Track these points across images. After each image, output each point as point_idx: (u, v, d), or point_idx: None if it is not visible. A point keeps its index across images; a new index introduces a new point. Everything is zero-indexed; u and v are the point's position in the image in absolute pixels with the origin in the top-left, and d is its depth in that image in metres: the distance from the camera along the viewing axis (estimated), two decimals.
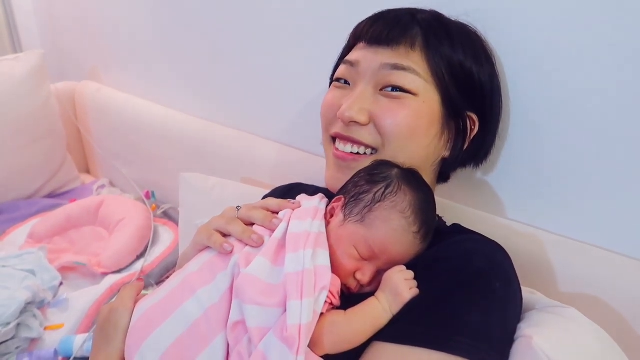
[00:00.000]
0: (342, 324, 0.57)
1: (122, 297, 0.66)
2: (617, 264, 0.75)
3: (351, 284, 0.63)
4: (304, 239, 0.60)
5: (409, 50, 0.70)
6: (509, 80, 0.79)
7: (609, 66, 0.70)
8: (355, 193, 0.65)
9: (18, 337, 1.00)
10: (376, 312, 0.58)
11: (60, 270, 1.20)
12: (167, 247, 1.33)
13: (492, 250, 0.64)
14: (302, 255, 0.58)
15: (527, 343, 0.57)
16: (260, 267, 0.58)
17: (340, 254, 0.62)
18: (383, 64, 0.70)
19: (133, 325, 0.61)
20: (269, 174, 1.17)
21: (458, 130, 0.74)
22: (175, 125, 1.42)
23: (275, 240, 0.62)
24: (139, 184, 1.55)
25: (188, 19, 1.32)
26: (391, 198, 0.62)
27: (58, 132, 1.62)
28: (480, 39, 0.76)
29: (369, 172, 0.67)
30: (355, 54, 0.74)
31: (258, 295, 0.55)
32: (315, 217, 0.65)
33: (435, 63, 0.70)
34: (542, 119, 0.78)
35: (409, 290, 0.58)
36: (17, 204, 1.52)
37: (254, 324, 0.54)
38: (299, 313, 0.53)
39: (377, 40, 0.71)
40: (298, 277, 0.56)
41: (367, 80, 0.71)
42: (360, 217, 0.62)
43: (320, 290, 0.56)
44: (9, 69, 1.51)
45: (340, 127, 0.72)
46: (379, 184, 0.64)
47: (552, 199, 0.81)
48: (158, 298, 0.62)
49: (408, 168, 0.67)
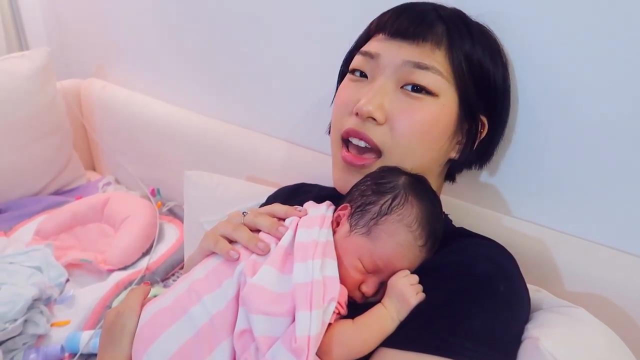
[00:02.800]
0: (351, 334, 0.57)
1: (129, 300, 0.66)
2: (625, 263, 0.74)
3: (356, 295, 0.62)
4: (312, 248, 0.60)
5: (434, 48, 0.67)
6: (517, 81, 0.78)
7: (615, 66, 0.70)
8: (362, 203, 0.63)
9: (25, 334, 1.01)
10: (384, 320, 0.58)
11: (67, 267, 1.21)
12: (173, 245, 1.33)
13: (496, 252, 0.63)
14: (310, 266, 0.57)
15: (534, 344, 0.56)
16: (268, 276, 0.58)
17: (346, 266, 0.61)
18: (406, 61, 0.67)
19: (140, 328, 0.61)
20: (275, 172, 1.17)
21: (469, 132, 0.73)
22: (182, 123, 1.42)
23: (282, 248, 0.61)
24: (144, 182, 1.55)
25: (194, 16, 1.32)
26: (398, 211, 0.61)
27: (64, 129, 1.63)
28: (496, 41, 0.75)
29: (376, 180, 0.65)
30: (375, 45, 0.71)
31: (265, 304, 0.55)
32: (322, 225, 0.64)
33: (458, 62, 0.68)
34: (547, 118, 0.77)
35: (416, 296, 0.58)
36: (24, 201, 1.53)
37: (261, 333, 0.54)
38: (308, 324, 0.52)
39: (401, 34, 0.68)
40: (307, 288, 0.55)
41: (388, 75, 0.69)
42: (366, 229, 0.61)
43: (329, 301, 0.56)
44: (16, 66, 1.51)
45: (354, 122, 0.69)
46: (386, 195, 0.62)
47: (558, 197, 0.80)
48: (165, 303, 0.62)
49: (415, 175, 0.66)
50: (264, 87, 1.22)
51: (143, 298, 0.66)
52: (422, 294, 0.58)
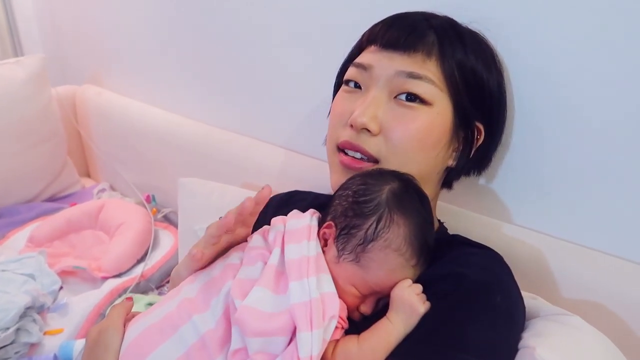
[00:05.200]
0: (356, 353, 0.56)
1: (111, 318, 0.64)
2: (622, 269, 0.74)
3: (354, 316, 0.62)
4: (305, 265, 0.59)
5: (425, 58, 0.68)
6: (513, 87, 0.79)
7: (612, 70, 0.70)
8: (346, 226, 0.61)
9: (17, 342, 1.00)
10: (389, 336, 0.57)
11: (60, 274, 1.20)
12: (168, 252, 1.33)
13: (490, 261, 0.63)
14: (306, 284, 0.56)
15: (530, 354, 0.56)
16: (261, 298, 0.57)
17: (341, 291, 0.60)
18: (398, 71, 0.68)
19: (128, 346, 0.59)
20: (270, 179, 1.17)
21: (466, 139, 0.73)
22: (177, 129, 1.41)
23: (272, 267, 0.60)
24: (139, 188, 1.54)
25: (189, 22, 1.32)
26: (384, 235, 0.59)
27: (59, 135, 1.62)
28: (490, 47, 0.75)
29: (357, 197, 0.62)
30: (368, 57, 0.71)
31: (261, 326, 0.54)
32: (310, 237, 0.62)
33: (450, 71, 0.68)
34: (545, 125, 0.77)
35: (423, 304, 0.58)
36: (17, 208, 1.52)
37: (257, 351, 0.54)
38: (309, 345, 0.52)
39: (392, 45, 0.69)
40: (306, 307, 0.54)
41: (381, 86, 0.69)
42: (354, 256, 0.60)
43: (330, 319, 0.55)
44: (10, 72, 1.50)
45: (349, 134, 0.69)
46: (370, 219, 0.60)
47: (555, 203, 0.80)
48: (155, 319, 0.61)
49: (399, 178, 0.64)
50: (260, 94, 1.22)
51: (126, 314, 0.65)
52: (427, 302, 0.58)
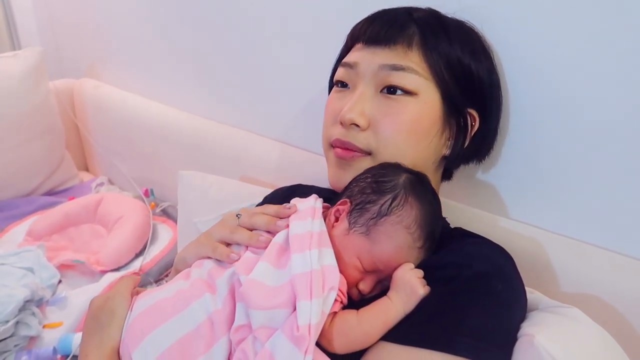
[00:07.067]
0: (354, 326, 0.57)
1: (119, 287, 0.65)
2: (619, 264, 0.74)
3: (352, 293, 0.62)
4: (307, 238, 0.60)
5: (406, 49, 0.69)
6: (509, 79, 0.78)
7: (609, 64, 0.69)
8: (361, 201, 0.63)
9: (17, 335, 1.00)
10: (388, 313, 0.58)
11: (59, 268, 1.20)
12: (166, 245, 1.33)
13: (493, 252, 0.64)
14: (308, 256, 0.58)
15: (529, 341, 0.56)
16: (264, 272, 0.58)
17: (344, 264, 0.62)
18: (382, 65, 0.69)
19: (137, 315, 0.60)
20: (268, 173, 1.17)
21: (459, 127, 0.73)
22: (175, 123, 1.41)
23: (276, 244, 0.62)
24: (137, 182, 1.54)
25: (187, 16, 1.31)
26: (397, 212, 0.61)
27: (57, 129, 1.62)
28: (477, 35, 0.75)
29: (377, 178, 0.65)
30: (353, 55, 0.73)
31: (264, 299, 0.56)
32: (314, 216, 0.64)
33: (433, 61, 0.69)
34: (542, 118, 0.77)
35: (423, 287, 0.58)
36: (16, 202, 1.52)
37: (260, 325, 0.55)
38: (308, 313, 0.53)
39: (374, 40, 0.71)
40: (306, 277, 0.56)
41: (367, 81, 0.71)
42: (365, 228, 0.62)
43: (329, 290, 0.56)
44: (8, 66, 1.50)
45: (339, 132, 0.71)
46: (386, 195, 0.62)
47: (553, 198, 0.80)
48: (166, 294, 0.62)
49: (416, 173, 0.66)
50: (258, 87, 1.21)
51: (133, 287, 0.66)
52: (427, 286, 0.59)
